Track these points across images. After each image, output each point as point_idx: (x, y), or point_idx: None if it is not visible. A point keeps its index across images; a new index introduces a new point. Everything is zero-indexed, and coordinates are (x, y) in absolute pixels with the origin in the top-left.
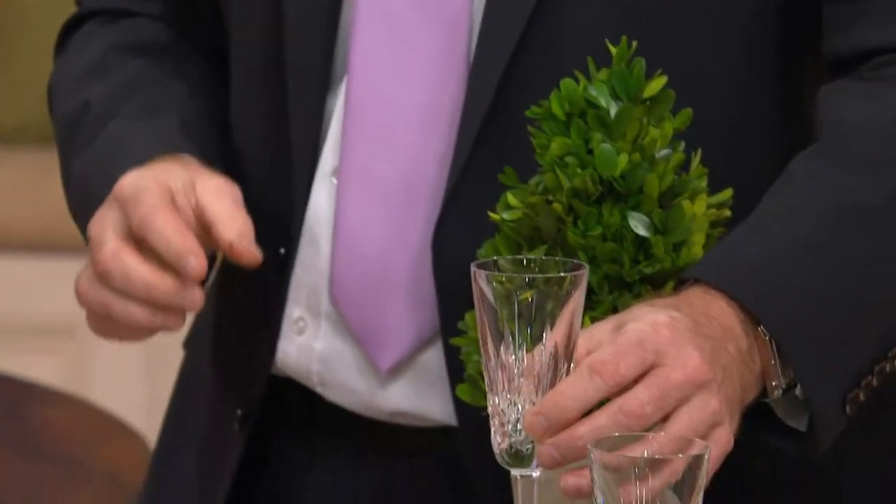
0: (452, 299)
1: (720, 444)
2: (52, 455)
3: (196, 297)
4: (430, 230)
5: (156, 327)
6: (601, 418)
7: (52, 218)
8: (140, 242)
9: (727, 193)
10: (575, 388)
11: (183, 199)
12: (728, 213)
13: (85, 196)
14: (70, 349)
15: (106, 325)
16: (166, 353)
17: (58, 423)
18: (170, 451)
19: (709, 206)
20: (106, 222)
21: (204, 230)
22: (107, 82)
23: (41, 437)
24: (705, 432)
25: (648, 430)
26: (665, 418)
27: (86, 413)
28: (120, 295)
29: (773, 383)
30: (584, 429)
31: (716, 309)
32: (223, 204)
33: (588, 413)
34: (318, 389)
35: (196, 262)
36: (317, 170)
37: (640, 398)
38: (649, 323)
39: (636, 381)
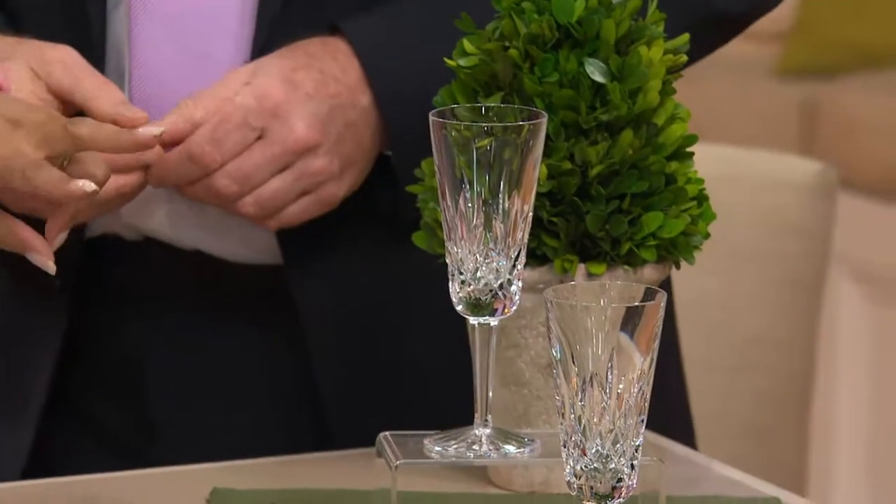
0: None
1: (325, 198)
2: None
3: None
4: (243, 55)
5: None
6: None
7: None
8: None
9: (683, 38)
10: (177, 171)
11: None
12: (684, 58)
13: None
14: None
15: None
16: None
17: None
18: None
19: (665, 52)
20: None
21: (64, 105)
22: None
23: None
24: (306, 190)
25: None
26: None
27: None
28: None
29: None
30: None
31: (342, 62)
32: (82, 77)
33: None
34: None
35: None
36: None
37: (223, 182)
38: (259, 95)
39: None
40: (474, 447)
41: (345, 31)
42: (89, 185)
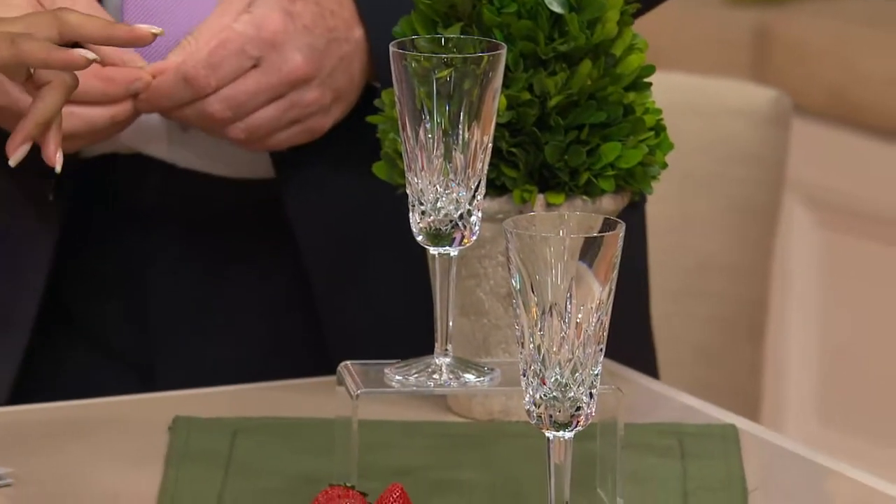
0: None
1: (314, 128)
2: None
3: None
4: None
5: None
6: (189, 115)
7: None
8: None
9: None
10: (171, 94)
11: None
12: None
13: None
14: None
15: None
16: None
17: None
18: None
19: None
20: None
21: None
22: None
23: None
24: (296, 120)
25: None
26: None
27: None
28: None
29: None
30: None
31: None
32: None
33: None
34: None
35: (141, 82)
36: None
37: (216, 106)
38: (258, 24)
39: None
40: (434, 376)
41: None
42: (90, 53)
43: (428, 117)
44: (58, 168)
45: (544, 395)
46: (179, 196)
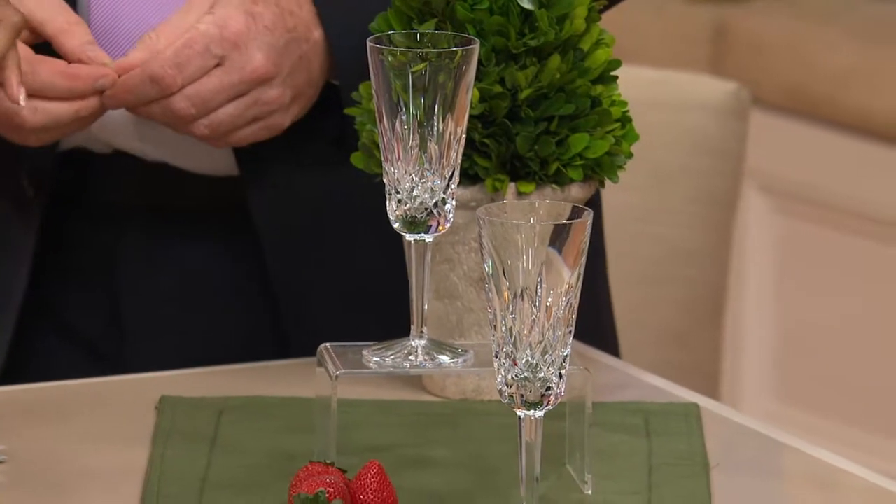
0: None
1: (273, 126)
2: None
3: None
4: None
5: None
6: (155, 111)
7: None
8: None
9: None
10: (137, 92)
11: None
12: None
13: None
14: None
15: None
16: None
17: None
18: None
19: None
20: None
21: (33, 33)
22: None
23: None
24: (257, 117)
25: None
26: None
27: None
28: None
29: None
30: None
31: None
32: (55, 12)
33: None
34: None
35: (107, 79)
36: None
37: (181, 104)
38: (221, 24)
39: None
40: (410, 357)
41: None
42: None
43: (404, 109)
44: (22, 101)
45: (516, 375)
46: (151, 191)
